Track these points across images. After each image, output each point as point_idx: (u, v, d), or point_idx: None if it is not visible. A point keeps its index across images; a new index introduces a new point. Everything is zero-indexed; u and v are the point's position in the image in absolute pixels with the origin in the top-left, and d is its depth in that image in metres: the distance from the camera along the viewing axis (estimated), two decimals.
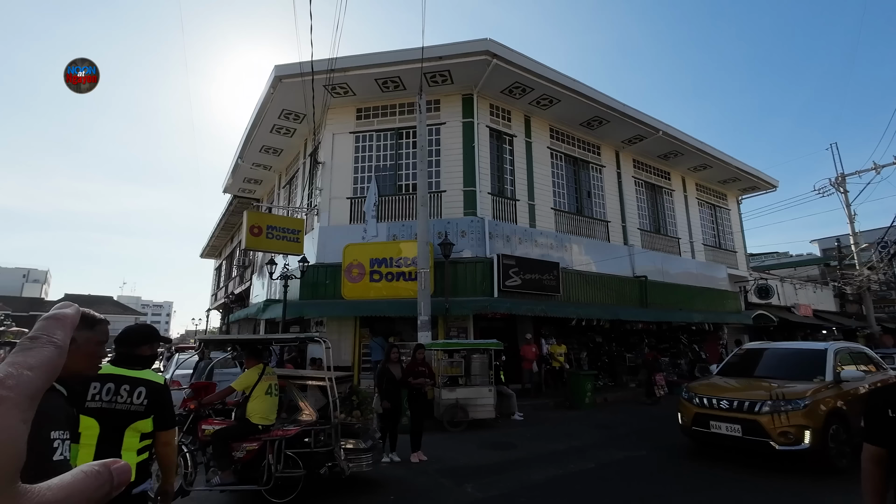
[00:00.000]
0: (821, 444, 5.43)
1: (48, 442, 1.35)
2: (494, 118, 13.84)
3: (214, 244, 31.71)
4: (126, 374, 2.28)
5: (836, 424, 5.65)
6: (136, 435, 2.23)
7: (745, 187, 22.24)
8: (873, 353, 7.66)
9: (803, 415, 5.50)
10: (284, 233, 12.57)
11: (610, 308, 14.22)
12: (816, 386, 5.92)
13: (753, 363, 7.21)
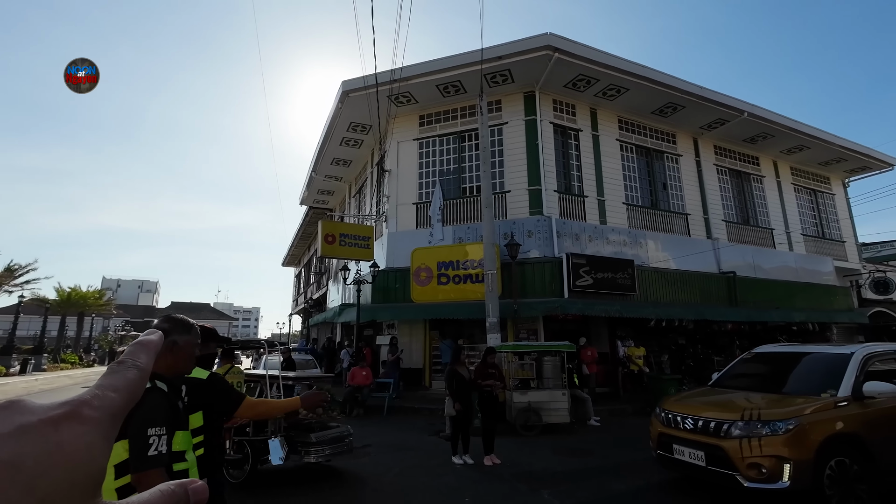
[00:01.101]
0: (812, 482, 4.08)
1: (145, 439, 1.55)
2: (558, 114, 13.46)
3: (294, 253, 33.99)
4: (189, 376, 2.38)
5: (842, 457, 4.24)
6: (185, 432, 2.30)
7: (854, 168, 19.58)
8: None
9: (783, 442, 4.14)
10: (356, 240, 13.15)
11: (693, 307, 13.18)
12: (817, 404, 4.47)
13: (758, 371, 5.83)
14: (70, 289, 35.95)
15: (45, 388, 18.60)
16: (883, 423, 4.50)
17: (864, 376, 4.69)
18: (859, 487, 4.24)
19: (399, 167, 14.07)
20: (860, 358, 4.86)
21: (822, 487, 4.12)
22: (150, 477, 1.57)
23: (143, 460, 1.56)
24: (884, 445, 4.41)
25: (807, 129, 16.37)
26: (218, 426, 2.49)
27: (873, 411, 4.49)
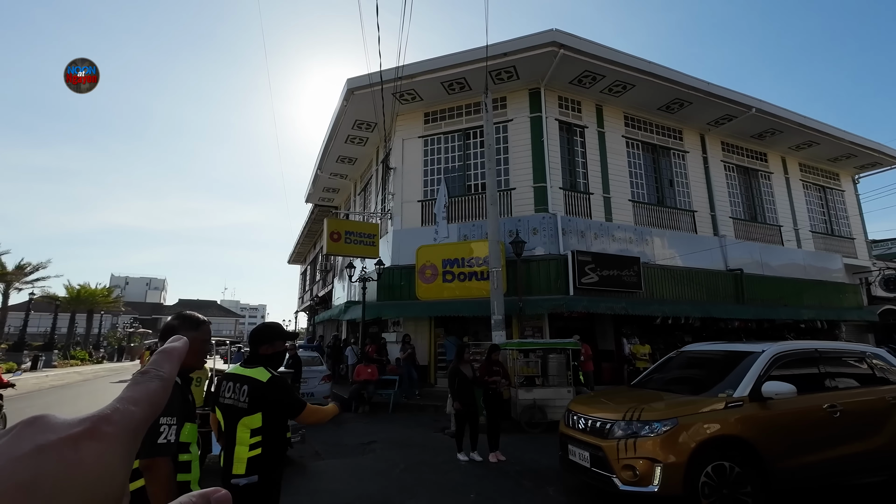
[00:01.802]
0: (684, 487, 3.85)
1: (156, 427, 1.60)
2: (563, 110, 13.39)
3: (300, 251, 34.14)
4: (240, 373, 2.43)
5: (724, 461, 3.99)
6: (246, 430, 2.32)
7: (864, 164, 19.34)
8: (893, 359, 5.24)
9: (656, 443, 3.97)
10: (361, 237, 13.18)
11: (700, 305, 13.10)
12: (704, 404, 4.27)
13: (680, 370, 5.61)
14: (79, 286, 36.37)
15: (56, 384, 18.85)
16: (778, 425, 4.26)
17: (769, 376, 4.45)
18: (742, 493, 3.94)
19: (404, 165, 14.07)
20: (769, 357, 4.63)
21: (698, 494, 3.87)
22: (158, 464, 1.60)
23: (152, 447, 1.60)
24: (777, 449, 4.14)
25: (816, 124, 16.19)
26: (281, 426, 2.48)
27: (768, 413, 4.25)
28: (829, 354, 5.01)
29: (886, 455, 4.56)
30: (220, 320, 76.00)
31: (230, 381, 2.43)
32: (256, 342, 2.52)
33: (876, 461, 4.55)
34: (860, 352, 5.25)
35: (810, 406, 4.44)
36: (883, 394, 4.80)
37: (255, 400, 2.33)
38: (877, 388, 4.86)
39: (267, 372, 2.42)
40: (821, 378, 4.72)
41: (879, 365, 5.10)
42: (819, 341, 5.41)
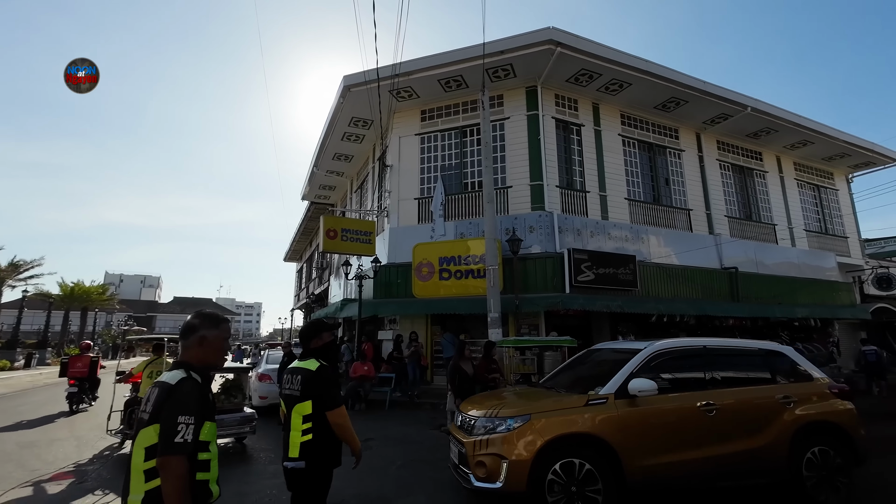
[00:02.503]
0: (529, 485, 3.82)
1: (174, 425, 1.63)
2: (560, 109, 13.41)
3: (296, 248, 34.04)
4: (297, 366, 2.74)
5: (576, 459, 3.92)
6: (298, 416, 2.56)
7: (857, 163, 19.48)
8: (798, 357, 5.10)
9: (505, 440, 3.98)
10: (358, 235, 13.16)
11: (695, 303, 13.17)
12: (564, 403, 4.26)
13: (580, 369, 5.54)
14: (73, 284, 36.12)
15: (49, 383, 18.73)
16: (642, 423, 4.17)
17: (642, 373, 4.38)
18: (591, 491, 3.87)
19: (400, 162, 14.05)
20: (646, 354, 4.56)
21: (543, 492, 3.82)
22: (171, 463, 1.61)
23: (167, 445, 1.61)
24: (637, 448, 4.07)
25: (811, 123, 16.28)
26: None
27: (633, 411, 4.18)
28: (721, 351, 4.89)
29: (768, 457, 4.33)
30: None
31: (289, 374, 2.75)
32: (306, 339, 2.83)
33: (757, 464, 4.32)
34: (758, 349, 5.07)
35: (681, 404, 4.31)
36: (771, 393, 4.60)
37: (306, 388, 2.58)
38: (765, 388, 4.67)
39: (317, 362, 2.69)
40: (705, 376, 4.59)
41: (779, 363, 4.97)
42: (710, 338, 5.22)
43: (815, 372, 5.03)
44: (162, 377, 1.87)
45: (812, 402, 4.67)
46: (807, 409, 4.58)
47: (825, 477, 4.36)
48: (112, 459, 6.66)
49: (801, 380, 4.89)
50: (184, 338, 1.98)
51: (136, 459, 1.71)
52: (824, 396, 4.76)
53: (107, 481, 5.54)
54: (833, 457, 4.44)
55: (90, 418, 9.95)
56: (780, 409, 4.51)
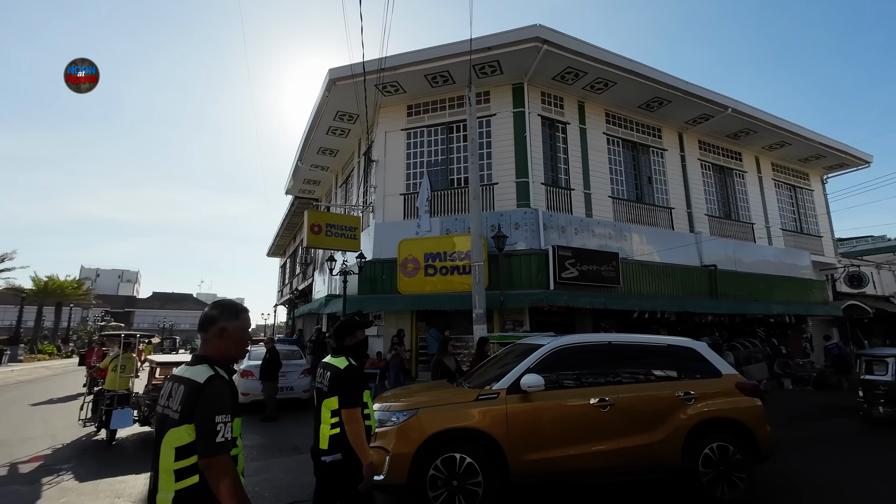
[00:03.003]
0: (412, 478, 3.91)
1: (213, 426, 1.62)
2: (546, 106, 13.48)
3: (279, 243, 33.62)
4: (327, 362, 2.89)
5: (458, 453, 4.00)
6: (327, 410, 2.72)
7: (832, 165, 20.07)
8: (709, 353, 5.04)
9: (390, 433, 4.06)
10: (342, 230, 13.06)
11: (676, 300, 13.43)
12: (455, 397, 4.36)
13: (498, 364, 5.51)
14: (47, 278, 35.04)
15: (23, 380, 18.18)
16: (531, 418, 4.20)
17: (540, 369, 4.41)
18: (472, 484, 3.96)
19: (386, 157, 13.96)
20: (547, 350, 4.61)
21: (425, 485, 3.92)
22: (220, 462, 1.61)
23: (211, 447, 1.61)
24: (523, 442, 4.11)
25: (788, 125, 16.69)
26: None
27: (523, 406, 4.22)
28: (627, 348, 4.91)
29: (663, 453, 4.35)
30: (196, 314, 74.41)
31: (321, 368, 2.92)
32: (341, 336, 2.93)
33: (651, 459, 4.34)
34: (667, 345, 5.03)
35: (574, 400, 4.34)
36: (672, 389, 4.58)
37: (333, 384, 2.74)
38: (666, 384, 4.65)
39: (346, 360, 2.82)
40: (605, 372, 4.59)
41: (688, 359, 4.92)
42: (618, 334, 5.29)
43: (724, 368, 4.97)
44: (184, 372, 1.81)
45: (715, 399, 4.62)
46: (708, 406, 4.55)
47: (722, 473, 4.36)
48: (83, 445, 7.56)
49: (708, 376, 4.83)
50: (203, 330, 1.93)
51: (165, 459, 1.68)
52: (730, 393, 4.71)
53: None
54: (732, 453, 4.44)
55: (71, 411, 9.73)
56: (679, 405, 4.50)
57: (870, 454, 6.58)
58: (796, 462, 5.95)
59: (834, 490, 4.97)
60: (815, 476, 5.42)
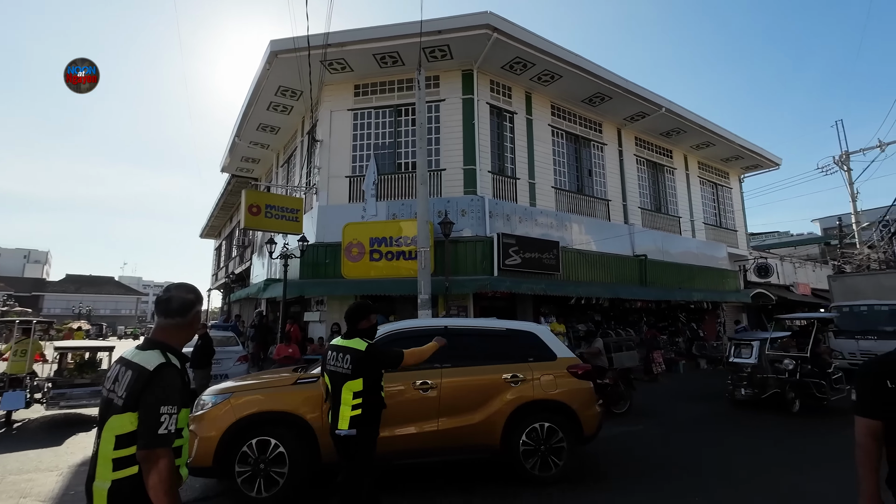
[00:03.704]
0: (217, 462, 3.99)
1: (157, 416, 1.55)
2: (495, 95, 13.60)
3: (214, 224, 31.64)
4: (342, 345, 3.04)
5: (271, 438, 4.11)
6: (349, 392, 2.88)
7: (748, 165, 22.04)
8: (547, 337, 5.19)
9: (202, 416, 4.16)
10: (283, 212, 12.52)
11: (610, 287, 14.26)
12: (276, 381, 4.52)
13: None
14: None
15: None
16: (315, 402, 4.23)
17: None
18: (276, 473, 4.07)
19: (332, 138, 13.49)
20: (379, 335, 4.52)
21: (233, 468, 4.02)
22: (157, 455, 1.55)
23: (152, 438, 1.54)
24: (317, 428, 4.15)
25: (714, 127, 18.05)
26: (377, 390, 3.05)
27: (315, 393, 4.26)
28: (464, 332, 4.99)
29: (485, 434, 4.47)
30: (118, 298, 68.62)
31: (334, 352, 3.07)
32: (355, 319, 3.12)
33: (474, 440, 4.47)
34: (505, 329, 5.13)
35: (395, 384, 4.31)
36: (499, 372, 4.66)
37: (357, 366, 2.90)
38: (493, 367, 4.71)
39: (364, 342, 3.03)
40: (439, 356, 4.34)
41: (525, 343, 5.00)
42: (456, 318, 5.66)
43: (560, 352, 5.05)
44: (134, 357, 1.71)
45: (543, 381, 4.69)
46: (534, 389, 4.64)
47: (542, 453, 4.52)
48: None
49: (543, 359, 4.88)
50: (169, 315, 1.80)
51: (104, 447, 1.60)
52: (560, 375, 4.79)
53: None
54: (553, 434, 4.57)
55: None
56: (504, 387, 4.60)
57: (712, 432, 6.82)
58: (650, 439, 6.32)
59: (664, 464, 5.24)
60: (653, 454, 5.68)
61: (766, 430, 6.87)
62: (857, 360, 11.25)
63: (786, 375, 7.94)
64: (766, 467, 5.12)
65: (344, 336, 3.11)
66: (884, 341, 10.88)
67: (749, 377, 8.41)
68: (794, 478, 4.80)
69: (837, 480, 4.61)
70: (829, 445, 5.99)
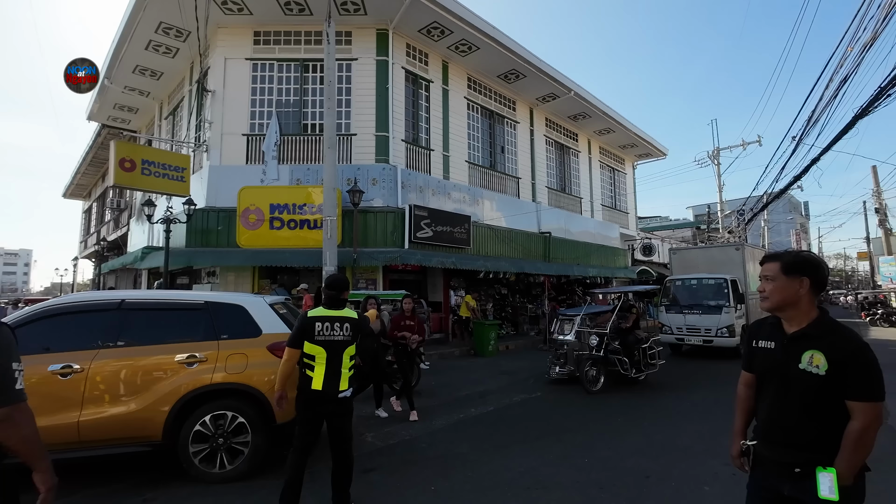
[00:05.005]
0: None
1: (12, 374, 1.54)
2: (411, 60, 13.02)
3: (81, 182, 27.09)
4: (337, 315, 3.23)
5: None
6: (347, 357, 3.22)
7: (641, 153, 24.10)
8: (259, 310, 4.31)
9: None
10: (165, 169, 10.95)
11: (516, 262, 14.79)
12: None
13: None
14: None
15: None
16: None
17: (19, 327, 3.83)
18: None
19: (226, 89, 11.97)
20: (28, 312, 3.95)
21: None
22: (21, 411, 1.56)
23: (11, 394, 1.54)
24: None
25: (615, 115, 19.30)
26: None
27: None
28: (145, 306, 4.21)
29: (143, 425, 3.74)
30: None
31: (328, 322, 3.19)
32: (340, 289, 3.31)
33: (129, 432, 3.74)
34: (203, 303, 4.27)
35: (33, 367, 3.53)
36: (174, 352, 3.92)
37: (356, 332, 3.25)
38: (170, 346, 3.97)
39: (353, 311, 3.33)
40: (105, 334, 3.88)
41: (224, 318, 4.23)
42: (137, 291, 4.75)
43: (270, 327, 4.24)
44: None
45: (230, 363, 3.97)
46: (215, 371, 3.92)
47: (217, 447, 3.84)
48: None
49: (243, 336, 4.15)
50: None
51: None
52: (257, 355, 4.04)
53: None
54: (233, 422, 3.87)
55: None
56: (176, 370, 3.88)
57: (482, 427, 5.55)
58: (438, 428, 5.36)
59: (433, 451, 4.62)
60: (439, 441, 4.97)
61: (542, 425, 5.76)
62: (683, 334, 10.86)
63: (591, 352, 7.48)
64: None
65: (330, 307, 3.25)
66: (708, 315, 10.48)
67: (567, 354, 7.93)
68: None
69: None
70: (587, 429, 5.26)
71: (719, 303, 10.51)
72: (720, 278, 10.81)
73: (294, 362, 3.20)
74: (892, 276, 25.44)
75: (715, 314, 10.41)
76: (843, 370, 1.58)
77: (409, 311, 6.26)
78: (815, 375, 1.62)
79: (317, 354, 3.14)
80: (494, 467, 4.18)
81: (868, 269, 34.14)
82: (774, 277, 1.76)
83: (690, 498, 3.53)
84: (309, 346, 3.14)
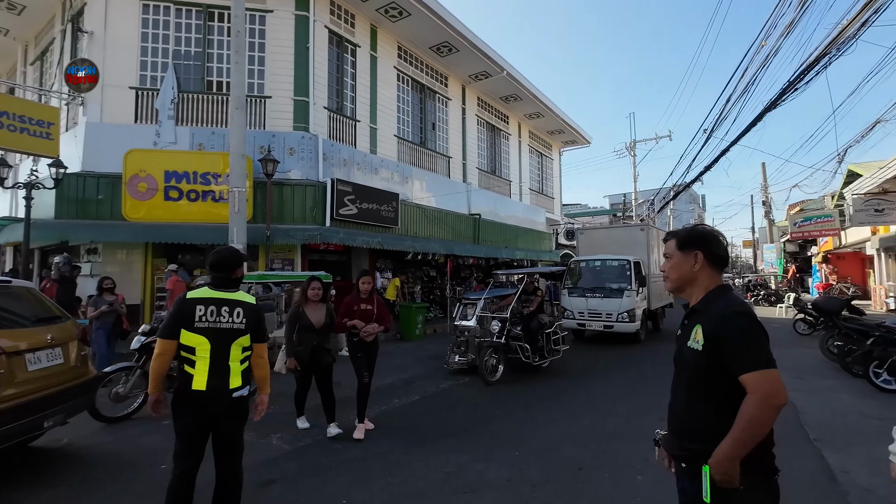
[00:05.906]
0: None
1: None
2: (335, 19, 11.88)
3: None
4: (227, 297, 2.61)
5: None
6: (238, 349, 2.61)
7: (567, 140, 24.75)
8: None
9: None
10: (26, 123, 8.99)
11: (445, 243, 14.41)
12: None
13: None
14: None
15: None
16: None
17: None
18: None
19: (108, 32, 10.06)
20: None
21: None
22: None
23: None
24: None
25: (546, 99, 19.46)
26: None
27: None
28: None
29: None
30: None
31: (213, 306, 2.54)
32: (231, 267, 2.68)
33: None
34: None
35: None
36: None
37: (251, 320, 2.63)
38: None
39: (249, 295, 2.77)
40: None
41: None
42: None
43: None
44: None
45: None
46: None
47: None
48: None
49: None
50: None
51: None
52: None
53: None
54: None
55: None
56: None
57: None
58: None
59: None
60: None
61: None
62: (585, 319, 10.04)
63: (492, 339, 6.79)
64: None
65: (215, 286, 2.61)
66: (609, 299, 9.77)
67: (468, 342, 7.28)
68: None
69: None
70: None
71: (621, 286, 9.85)
72: (623, 260, 10.20)
73: (169, 357, 2.57)
74: (772, 261, 28.97)
75: (616, 298, 9.72)
76: (715, 342, 1.41)
77: (367, 293, 4.75)
78: (696, 351, 1.47)
79: (197, 346, 2.52)
80: (418, 468, 3.73)
81: (752, 255, 38.66)
82: (672, 255, 1.64)
83: (624, 489, 3.33)
84: (187, 336, 2.50)
